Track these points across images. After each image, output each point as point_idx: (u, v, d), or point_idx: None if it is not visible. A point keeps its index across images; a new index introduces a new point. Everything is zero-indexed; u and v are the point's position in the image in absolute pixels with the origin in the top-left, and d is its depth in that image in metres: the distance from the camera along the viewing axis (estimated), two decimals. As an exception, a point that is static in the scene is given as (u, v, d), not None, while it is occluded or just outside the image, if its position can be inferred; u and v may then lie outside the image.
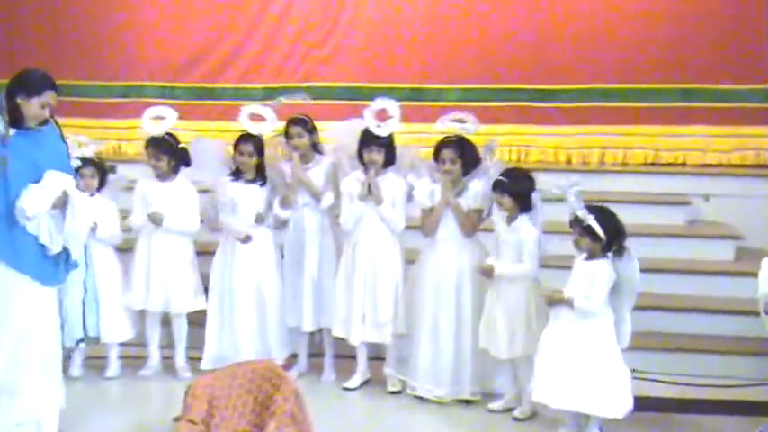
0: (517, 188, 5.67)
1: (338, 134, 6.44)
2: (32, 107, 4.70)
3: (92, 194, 6.23)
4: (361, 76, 8.59)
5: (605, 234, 5.25)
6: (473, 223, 6.00)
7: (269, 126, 6.37)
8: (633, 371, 6.04)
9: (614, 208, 7.02)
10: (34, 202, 4.64)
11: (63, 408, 5.07)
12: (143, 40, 8.84)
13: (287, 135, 6.32)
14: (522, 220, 5.67)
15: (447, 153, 5.95)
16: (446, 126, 6.09)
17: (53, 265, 4.83)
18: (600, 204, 5.45)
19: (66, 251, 4.86)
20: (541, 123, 8.44)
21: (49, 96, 4.72)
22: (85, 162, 6.18)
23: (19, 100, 4.69)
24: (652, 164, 8.29)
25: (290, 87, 8.06)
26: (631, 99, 8.33)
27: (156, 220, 6.30)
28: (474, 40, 8.49)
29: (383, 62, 8.62)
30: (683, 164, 8.26)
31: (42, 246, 4.74)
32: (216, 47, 8.83)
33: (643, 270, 6.69)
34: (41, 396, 4.81)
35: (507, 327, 5.70)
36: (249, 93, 8.42)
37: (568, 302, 5.29)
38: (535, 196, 5.64)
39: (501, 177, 5.71)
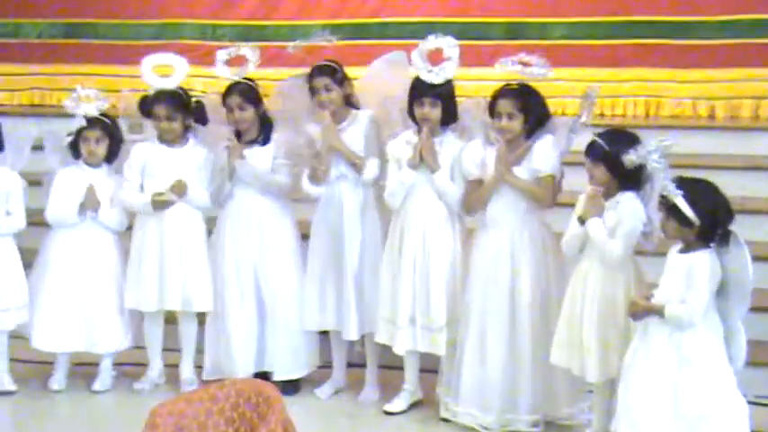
0: (615, 154, 4.99)
1: (379, 77, 5.98)
2: None
3: (96, 165, 6.06)
4: (443, 9, 8.27)
5: (699, 217, 4.57)
6: (548, 189, 5.42)
7: (250, 67, 6.04)
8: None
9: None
10: None
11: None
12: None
13: (311, 89, 5.88)
14: (626, 196, 5.06)
15: (504, 105, 5.40)
16: (506, 70, 5.52)
17: None
18: (697, 177, 4.77)
19: None
20: (676, 66, 7.95)
21: None
22: (92, 122, 6.02)
23: None
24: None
25: (356, 24, 8.14)
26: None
27: (180, 190, 5.97)
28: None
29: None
30: None
31: None
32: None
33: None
34: None
35: (598, 336, 5.08)
36: (307, 31, 7.91)
37: (658, 311, 4.67)
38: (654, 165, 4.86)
39: (596, 138, 5.08)
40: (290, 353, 6.05)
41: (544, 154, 5.40)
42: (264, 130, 5.99)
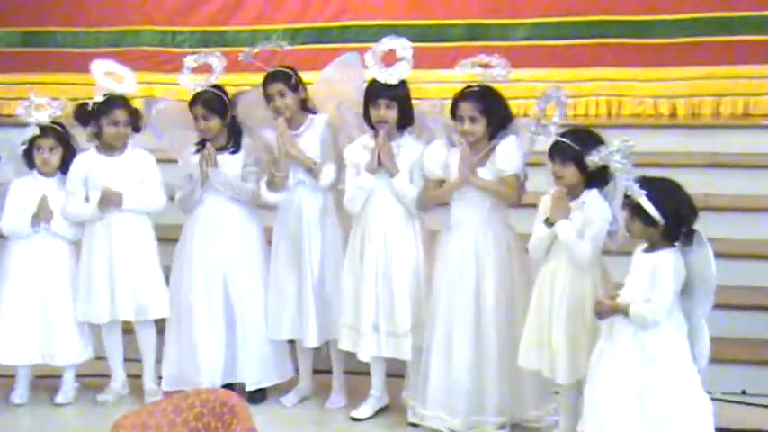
0: (584, 155, 4.92)
1: (333, 80, 5.93)
2: None
3: (50, 175, 5.98)
4: (404, 12, 8.24)
5: (663, 216, 4.56)
6: (513, 188, 5.38)
7: (214, 76, 5.94)
8: (743, 392, 5.97)
9: (731, 173, 7.10)
10: None
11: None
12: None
13: (266, 96, 5.82)
14: (592, 195, 5.02)
15: (466, 109, 5.35)
16: (466, 72, 5.47)
17: None
18: (660, 176, 4.74)
19: None
20: (637, 65, 7.96)
21: None
22: (45, 131, 5.96)
23: None
24: (784, 115, 7.58)
25: (317, 28, 8.24)
26: (760, 31, 7.75)
27: (111, 199, 5.87)
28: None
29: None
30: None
31: None
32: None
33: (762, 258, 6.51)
34: None
35: (566, 337, 5.05)
36: (268, 36, 7.89)
37: (623, 310, 4.65)
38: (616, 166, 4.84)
39: (564, 140, 5.05)
40: (260, 361, 5.96)
41: (507, 154, 5.35)
42: (234, 137, 5.92)
